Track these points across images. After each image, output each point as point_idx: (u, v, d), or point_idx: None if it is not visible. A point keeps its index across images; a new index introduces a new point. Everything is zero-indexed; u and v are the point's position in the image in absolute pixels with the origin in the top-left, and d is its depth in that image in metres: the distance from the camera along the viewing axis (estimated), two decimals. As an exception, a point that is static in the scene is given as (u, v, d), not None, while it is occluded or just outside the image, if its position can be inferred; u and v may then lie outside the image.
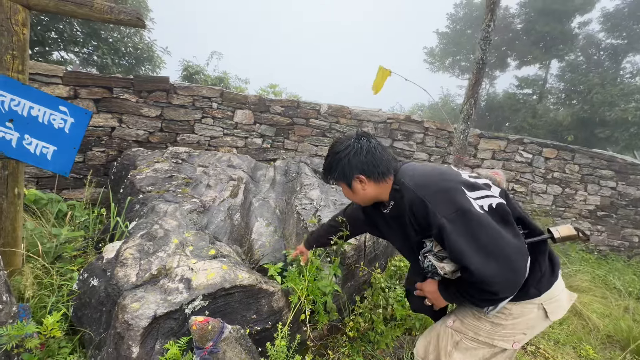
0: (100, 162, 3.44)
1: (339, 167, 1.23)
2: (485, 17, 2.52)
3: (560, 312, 1.16)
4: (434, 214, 0.98)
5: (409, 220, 1.10)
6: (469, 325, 1.19)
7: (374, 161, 1.18)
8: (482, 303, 1.09)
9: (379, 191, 1.22)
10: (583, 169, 5.26)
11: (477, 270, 0.93)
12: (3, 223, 1.66)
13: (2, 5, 1.52)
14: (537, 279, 1.09)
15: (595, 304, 3.40)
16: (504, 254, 0.93)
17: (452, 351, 1.20)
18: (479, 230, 0.94)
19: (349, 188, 1.25)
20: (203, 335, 1.20)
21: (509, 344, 1.16)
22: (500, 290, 0.96)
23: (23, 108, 1.61)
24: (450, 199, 0.99)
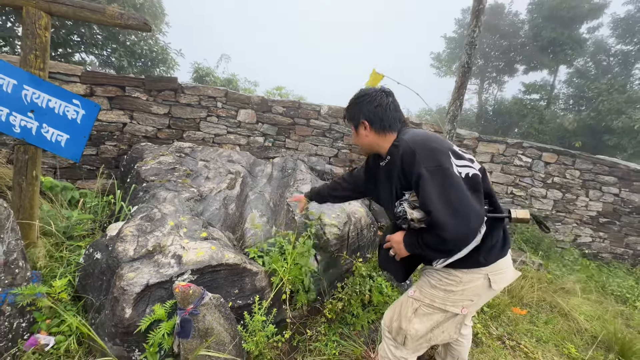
0: (112, 155, 3.70)
1: (352, 109, 1.41)
2: (471, 23, 2.65)
3: (503, 284, 1.33)
4: (419, 163, 1.12)
5: (398, 172, 1.23)
6: (426, 293, 1.36)
7: (381, 114, 1.32)
8: (435, 253, 1.23)
9: (378, 142, 1.35)
10: (584, 174, 5.24)
11: (438, 216, 1.06)
12: (22, 201, 1.90)
13: (29, 12, 1.76)
14: (488, 249, 1.25)
15: (584, 306, 3.42)
16: (465, 213, 1.06)
17: (412, 317, 1.37)
18: (450, 188, 1.08)
19: (355, 131, 1.42)
20: (185, 297, 1.37)
21: (459, 309, 1.31)
22: (452, 240, 1.08)
23: (42, 101, 1.84)
24: (436, 156, 1.13)
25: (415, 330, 1.35)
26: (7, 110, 1.79)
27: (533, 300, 3.32)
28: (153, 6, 8.54)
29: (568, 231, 5.40)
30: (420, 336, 1.36)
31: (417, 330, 1.35)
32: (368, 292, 2.22)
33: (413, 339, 1.37)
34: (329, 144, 4.56)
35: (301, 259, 1.99)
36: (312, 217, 2.41)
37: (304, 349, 1.94)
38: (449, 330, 1.38)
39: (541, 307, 3.28)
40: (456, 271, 1.28)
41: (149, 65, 8.30)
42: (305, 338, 1.99)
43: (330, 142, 4.56)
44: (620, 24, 9.57)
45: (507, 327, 2.78)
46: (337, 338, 2.03)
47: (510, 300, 3.18)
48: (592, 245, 5.48)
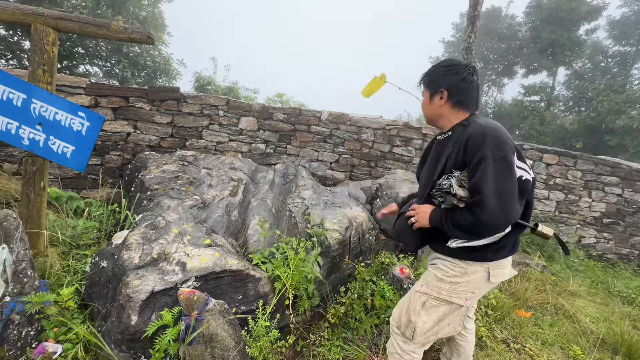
0: (116, 165, 3.76)
1: (434, 75, 1.38)
2: (467, 29, 2.70)
3: (500, 278, 1.39)
4: (487, 147, 1.14)
5: (458, 149, 1.24)
6: (433, 286, 1.41)
7: (463, 90, 1.32)
8: (460, 232, 1.23)
9: (448, 116, 1.35)
10: (586, 175, 5.23)
11: (488, 198, 1.10)
12: (30, 211, 1.94)
13: (37, 29, 1.82)
14: (499, 248, 1.31)
15: (590, 308, 3.40)
16: (509, 206, 1.12)
17: (420, 310, 1.42)
18: (507, 179, 1.13)
19: (429, 98, 1.39)
20: (189, 304, 1.40)
21: (462, 301, 1.37)
22: (486, 224, 1.13)
23: (50, 113, 1.90)
24: (504, 147, 1.15)
25: (423, 322, 1.41)
26: (17, 123, 1.84)
27: (537, 302, 3.30)
28: (155, 18, 8.73)
29: (572, 232, 5.37)
30: (428, 329, 1.41)
31: (425, 323, 1.41)
32: (370, 297, 2.23)
33: (421, 331, 1.41)
34: (330, 150, 4.60)
35: (305, 266, 2.01)
36: (314, 222, 2.44)
37: (307, 354, 1.95)
38: (454, 323, 1.43)
39: (546, 309, 3.26)
40: (462, 262, 1.34)
41: (151, 76, 8.44)
42: (309, 343, 2.00)
43: (331, 147, 4.60)
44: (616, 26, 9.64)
45: (511, 330, 2.77)
46: (340, 343, 2.04)
47: (515, 303, 3.17)
48: (596, 246, 5.45)
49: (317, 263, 2.10)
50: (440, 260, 1.43)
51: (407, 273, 2.34)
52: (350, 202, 3.06)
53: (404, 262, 2.72)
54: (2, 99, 1.84)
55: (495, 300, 2.96)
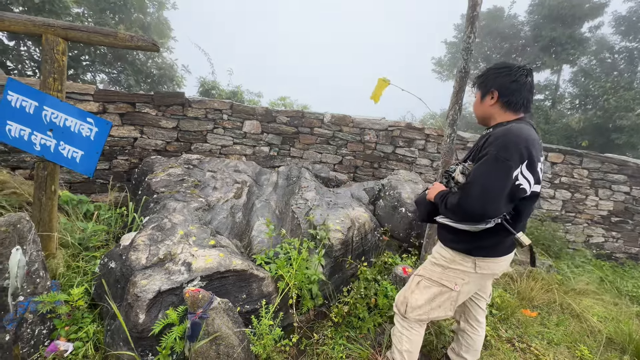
0: (124, 169, 3.85)
1: (486, 76, 1.46)
2: (466, 29, 2.71)
3: (487, 271, 1.47)
4: (496, 147, 1.23)
5: (481, 144, 1.35)
6: (427, 269, 1.60)
7: (514, 90, 1.38)
8: (445, 210, 1.40)
9: (496, 116, 1.43)
10: (592, 173, 5.18)
11: (471, 186, 1.24)
12: (42, 214, 2.01)
13: (48, 39, 1.90)
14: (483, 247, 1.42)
15: (597, 307, 3.36)
16: (488, 201, 1.22)
17: (414, 289, 1.60)
18: (497, 179, 1.21)
19: (481, 98, 1.48)
20: (194, 302, 1.44)
21: (452, 285, 1.50)
22: (463, 208, 1.27)
23: (60, 120, 1.97)
24: (511, 152, 1.22)
25: (415, 299, 1.57)
26: (29, 129, 1.92)
27: (543, 302, 3.28)
28: (160, 24, 8.89)
29: (579, 232, 5.31)
30: (420, 305, 1.56)
31: (417, 300, 1.56)
32: (374, 296, 2.26)
33: (412, 307, 1.57)
34: (333, 151, 4.64)
35: (308, 267, 2.04)
36: (317, 223, 2.47)
37: (311, 353, 1.97)
38: (445, 306, 1.54)
39: (552, 308, 3.23)
40: (451, 251, 1.50)
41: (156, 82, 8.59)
42: (313, 342, 2.03)
43: (334, 149, 4.64)
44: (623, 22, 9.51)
45: (516, 330, 2.76)
46: (344, 341, 2.06)
47: (520, 302, 3.15)
48: (605, 245, 5.38)
49: (320, 263, 2.13)
50: (437, 248, 1.61)
51: (410, 272, 2.35)
52: (353, 203, 3.08)
53: (406, 262, 2.74)
54: (15, 106, 1.91)
55: (500, 299, 2.95)
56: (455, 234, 1.46)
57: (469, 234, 1.39)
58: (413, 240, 3.02)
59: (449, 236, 1.50)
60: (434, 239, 2.91)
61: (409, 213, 3.03)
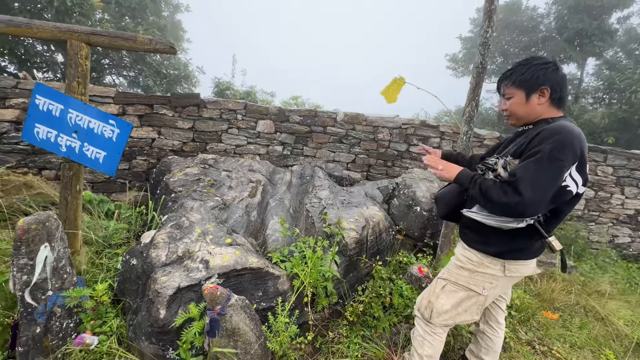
0: (143, 169, 3.96)
1: (531, 71, 1.29)
2: (483, 23, 2.65)
3: (517, 273, 1.42)
4: (550, 144, 1.15)
5: (526, 140, 1.27)
6: (453, 273, 1.52)
7: (563, 86, 1.29)
8: (481, 196, 1.25)
9: (542, 114, 1.32)
10: (618, 170, 4.96)
11: (522, 181, 1.13)
12: (68, 213, 2.10)
13: (72, 44, 1.98)
14: (514, 250, 1.36)
15: (623, 310, 3.22)
16: (538, 198, 1.14)
17: (439, 294, 1.53)
18: (548, 179, 1.14)
19: (525, 98, 1.32)
20: (213, 299, 1.47)
21: (480, 289, 1.45)
22: (513, 203, 1.15)
23: (84, 122, 2.05)
24: (565, 152, 1.15)
25: (441, 304, 1.50)
26: (56, 132, 2.01)
27: (565, 303, 3.17)
28: (175, 26, 9.09)
29: (603, 231, 5.10)
30: (445, 311, 1.50)
31: (443, 305, 1.50)
32: (389, 295, 2.24)
33: (438, 312, 1.51)
34: (346, 150, 4.62)
35: (322, 265, 2.05)
36: (331, 222, 2.47)
37: (326, 351, 1.98)
38: (471, 311, 1.49)
39: (574, 311, 3.12)
40: (479, 254, 1.43)
41: (172, 83, 8.80)
42: (328, 340, 2.03)
43: (347, 148, 4.62)
44: (655, 11, 9.03)
45: (537, 332, 2.68)
46: (359, 340, 2.06)
47: (540, 304, 3.06)
48: (632, 245, 5.15)
49: (335, 262, 2.14)
50: (462, 250, 1.53)
51: (426, 272, 2.33)
52: (367, 202, 3.07)
53: (422, 262, 2.70)
54: (42, 110, 2.00)
55: (519, 300, 2.87)
56: (482, 234, 1.39)
57: (498, 236, 1.33)
58: (428, 239, 2.98)
59: (477, 237, 1.43)
60: (449, 238, 2.86)
61: (424, 212, 2.99)
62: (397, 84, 2.92)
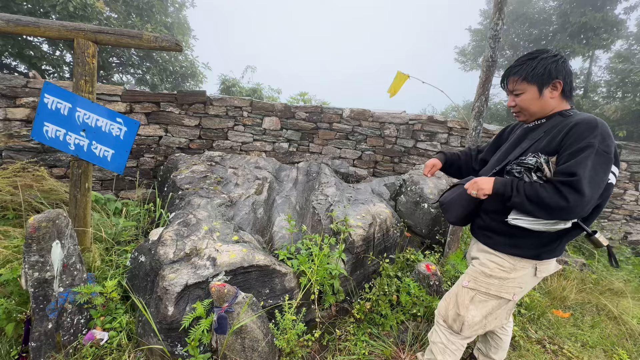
0: (150, 167, 3.99)
1: (542, 65, 1.26)
2: (494, 16, 2.58)
3: (545, 273, 1.40)
4: (595, 137, 1.11)
5: (550, 136, 1.23)
6: (482, 282, 1.43)
7: (572, 78, 1.29)
8: (531, 203, 1.18)
9: (555, 107, 1.30)
10: (632, 166, 4.83)
11: (582, 181, 1.08)
12: (77, 210, 2.13)
13: (79, 42, 1.98)
14: (551, 249, 1.32)
15: (637, 309, 3.15)
16: (592, 198, 1.10)
17: (469, 305, 1.46)
18: (602, 174, 1.12)
19: (538, 92, 1.29)
20: (220, 296, 1.48)
21: (510, 296, 1.40)
22: (574, 204, 1.10)
23: (92, 120, 2.06)
24: (610, 144, 1.13)
25: (472, 316, 1.45)
26: (64, 130, 2.02)
27: (576, 302, 3.11)
28: (181, 23, 9.10)
29: (616, 228, 4.99)
30: (477, 322, 1.46)
31: (474, 317, 1.45)
32: (396, 293, 2.23)
33: (470, 325, 1.46)
34: (352, 147, 4.59)
35: (329, 262, 2.04)
36: (337, 219, 2.46)
37: (333, 348, 1.98)
38: (500, 317, 1.47)
39: (586, 309, 3.06)
40: (511, 258, 1.36)
41: (179, 80, 8.84)
42: (335, 337, 2.03)
43: (354, 144, 4.59)
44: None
45: (547, 331, 2.64)
46: (366, 338, 2.05)
47: (551, 302, 3.01)
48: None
49: (342, 259, 2.13)
50: (486, 254, 1.43)
51: (433, 270, 2.30)
52: (374, 199, 3.04)
53: (430, 259, 2.68)
54: (51, 108, 2.02)
55: (529, 298, 2.83)
56: (513, 237, 1.32)
57: (534, 236, 1.27)
58: (438, 237, 2.95)
59: (504, 240, 1.35)
60: (458, 235, 2.83)
61: (431, 209, 2.96)
62: (400, 78, 2.89)
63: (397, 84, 2.90)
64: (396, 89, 2.94)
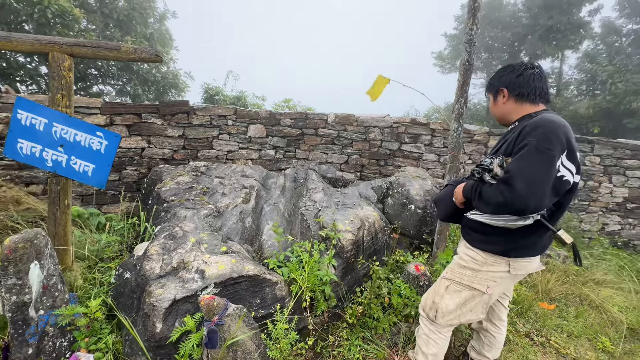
0: (133, 179, 3.90)
1: (492, 79, 1.52)
2: (468, 21, 2.68)
3: (522, 271, 1.44)
4: (534, 136, 1.18)
5: (514, 137, 1.30)
6: (456, 272, 1.53)
7: (522, 83, 1.40)
8: (481, 204, 1.30)
9: (513, 111, 1.44)
10: (605, 160, 5.07)
11: (516, 177, 1.14)
12: (57, 228, 2.05)
13: (54, 56, 1.93)
14: (520, 247, 1.37)
15: (617, 297, 3.28)
16: (534, 192, 1.14)
17: (443, 294, 1.55)
18: (541, 169, 1.15)
19: (494, 100, 1.52)
20: (210, 309, 1.45)
21: (484, 288, 1.45)
22: (509, 201, 1.16)
23: (70, 135, 2.00)
24: (552, 141, 1.17)
25: (445, 305, 1.52)
26: (40, 146, 1.96)
27: (561, 294, 3.22)
28: (162, 34, 8.99)
29: (594, 220, 5.20)
30: (450, 311, 1.52)
31: (447, 305, 1.52)
32: (387, 295, 2.24)
33: (443, 313, 1.53)
34: (339, 151, 4.63)
35: (320, 269, 2.04)
36: (326, 224, 2.46)
37: (327, 355, 1.97)
38: (476, 310, 1.51)
39: (570, 300, 3.17)
40: (483, 253, 1.43)
41: (161, 90, 8.70)
42: (328, 344, 2.02)
43: (340, 149, 4.62)
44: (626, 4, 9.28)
45: (534, 324, 2.72)
46: (359, 342, 2.05)
47: (537, 295, 3.10)
48: (621, 233, 5.25)
49: (332, 265, 2.13)
50: (465, 249, 1.53)
51: (423, 270, 2.33)
52: (362, 202, 3.07)
53: (419, 259, 2.72)
54: (25, 124, 1.95)
55: (516, 293, 2.90)
56: (486, 234, 1.39)
57: (503, 234, 1.34)
58: (425, 237, 3.00)
59: (480, 237, 1.43)
60: (445, 235, 2.88)
61: (418, 210, 3.01)
62: (381, 81, 2.95)
63: (378, 87, 2.95)
64: (377, 92, 2.99)
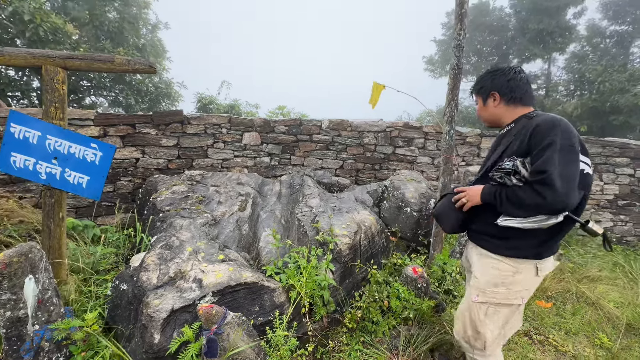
0: (128, 190, 3.87)
1: (483, 82, 1.52)
2: (456, 26, 2.75)
3: (546, 272, 1.42)
4: (555, 134, 1.19)
5: (519, 139, 1.30)
6: (490, 293, 1.43)
7: (513, 87, 1.42)
8: (513, 206, 1.26)
9: (505, 113, 1.45)
10: (594, 158, 5.16)
11: (553, 177, 1.14)
12: (51, 241, 2.03)
13: (47, 69, 1.94)
14: (550, 245, 1.36)
15: (613, 293, 3.32)
16: (572, 188, 1.16)
17: (484, 320, 1.46)
18: (572, 165, 1.17)
19: (483, 103, 1.52)
20: (208, 318, 1.44)
21: (520, 300, 1.42)
22: (551, 201, 1.15)
23: (64, 147, 2.00)
24: (572, 138, 1.20)
25: (491, 332, 1.46)
26: (34, 159, 1.95)
27: (557, 291, 3.25)
28: (155, 45, 9.03)
29: (587, 217, 5.28)
30: (496, 336, 1.47)
31: (493, 331, 1.46)
32: (386, 299, 2.25)
33: (491, 339, 1.47)
34: (334, 157, 4.66)
35: (318, 274, 2.04)
36: (323, 230, 2.47)
37: (328, 361, 1.96)
38: (516, 320, 1.50)
39: (566, 298, 3.20)
40: (511, 260, 1.37)
41: (154, 100, 8.70)
42: (329, 349, 2.02)
43: (335, 154, 4.65)
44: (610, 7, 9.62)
45: (532, 322, 2.73)
46: (359, 347, 2.04)
47: (534, 293, 3.12)
48: (614, 229, 5.33)
49: (330, 270, 2.13)
50: (486, 259, 1.44)
51: (420, 272, 2.35)
52: (358, 207, 3.09)
53: (416, 262, 2.73)
54: (18, 138, 1.95)
55: (513, 292, 2.92)
56: (509, 239, 1.35)
57: (532, 236, 1.31)
58: (421, 239, 3.02)
59: (502, 242, 1.37)
60: (441, 236, 2.91)
61: (414, 212, 3.03)
62: (378, 88, 3.02)
63: (376, 94, 3.02)
64: (376, 99, 3.05)
